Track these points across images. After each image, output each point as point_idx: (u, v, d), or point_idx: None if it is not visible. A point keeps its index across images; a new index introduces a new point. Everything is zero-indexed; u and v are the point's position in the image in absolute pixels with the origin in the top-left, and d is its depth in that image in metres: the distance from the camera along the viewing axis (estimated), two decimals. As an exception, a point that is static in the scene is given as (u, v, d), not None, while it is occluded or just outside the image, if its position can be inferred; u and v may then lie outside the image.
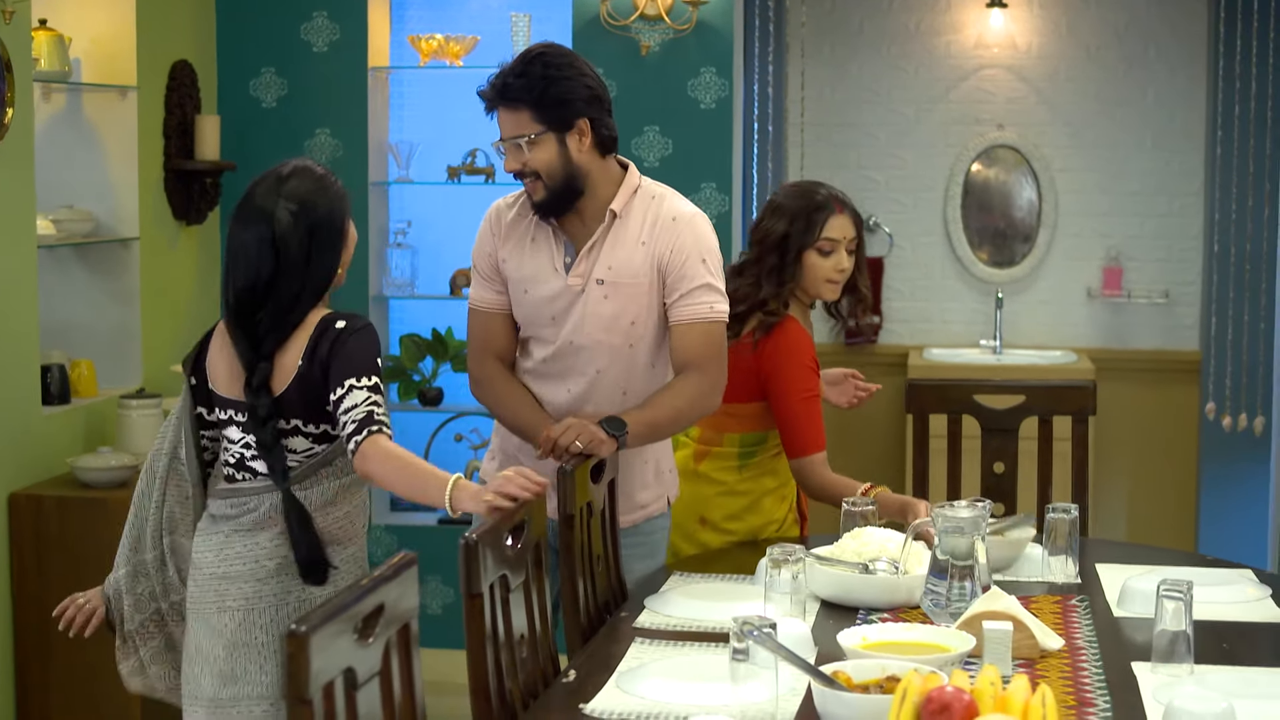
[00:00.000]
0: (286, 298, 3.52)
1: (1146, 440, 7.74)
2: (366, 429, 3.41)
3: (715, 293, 3.93)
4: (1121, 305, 7.76)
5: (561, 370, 3.98)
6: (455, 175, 6.38)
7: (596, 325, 3.92)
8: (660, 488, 4.16)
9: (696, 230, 3.94)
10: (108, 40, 5.73)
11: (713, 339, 3.93)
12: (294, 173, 3.63)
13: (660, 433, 3.95)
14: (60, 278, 5.76)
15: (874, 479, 4.38)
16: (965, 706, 2.39)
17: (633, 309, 3.92)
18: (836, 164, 7.81)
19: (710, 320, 3.92)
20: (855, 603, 3.59)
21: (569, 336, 3.95)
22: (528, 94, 3.81)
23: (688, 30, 6.08)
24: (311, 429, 3.52)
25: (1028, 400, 4.89)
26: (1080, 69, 7.71)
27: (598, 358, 3.94)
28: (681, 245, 3.91)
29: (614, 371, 3.96)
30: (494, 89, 3.86)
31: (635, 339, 3.94)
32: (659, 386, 3.98)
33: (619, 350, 3.94)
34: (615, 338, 3.93)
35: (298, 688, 2.22)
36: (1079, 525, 3.96)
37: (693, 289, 3.90)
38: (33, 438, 5.16)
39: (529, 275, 3.98)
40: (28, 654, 5.07)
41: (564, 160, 3.85)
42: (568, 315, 3.94)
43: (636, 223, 3.94)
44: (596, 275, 3.92)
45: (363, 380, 3.45)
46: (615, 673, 3.17)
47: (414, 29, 6.53)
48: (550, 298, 3.96)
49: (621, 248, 3.92)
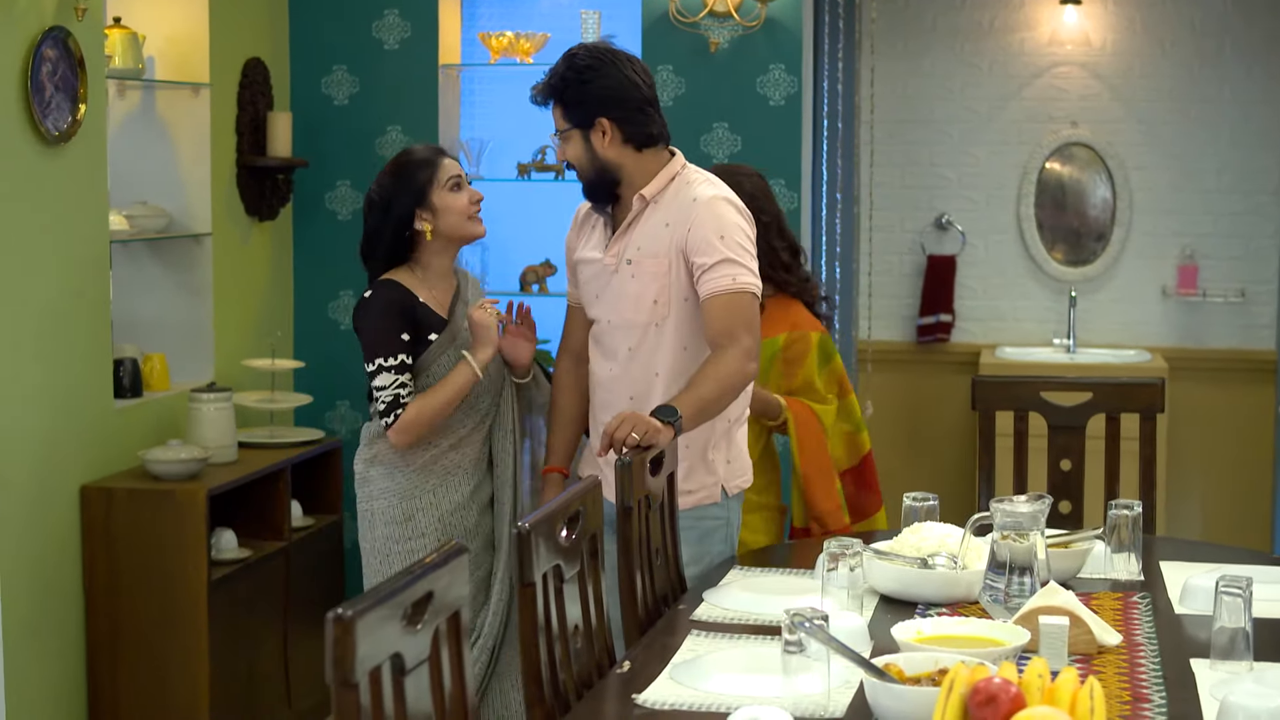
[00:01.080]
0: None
1: (1221, 441, 7.67)
2: (393, 413, 4.19)
3: (736, 265, 4.03)
4: (1197, 304, 7.69)
5: (604, 349, 4.22)
6: (525, 172, 6.41)
7: (625, 304, 4.13)
8: (710, 476, 4.19)
9: (714, 210, 4.07)
10: (181, 38, 5.79)
11: (738, 308, 4.02)
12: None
13: (710, 409, 4.01)
14: (134, 273, 5.83)
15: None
16: (1012, 698, 2.38)
17: (654, 288, 4.09)
18: (908, 161, 7.78)
19: (733, 291, 4.02)
20: (914, 597, 3.58)
21: (606, 315, 4.19)
22: (555, 93, 4.13)
23: (757, 27, 6.07)
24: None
25: (1095, 397, 4.85)
26: (1155, 66, 7.65)
27: (629, 336, 4.14)
28: (698, 225, 4.06)
29: (644, 351, 4.13)
30: (536, 86, 4.18)
31: (659, 319, 4.11)
32: (694, 368, 4.08)
33: (646, 329, 4.12)
34: (641, 316, 4.11)
35: (343, 671, 2.23)
36: (1142, 522, 3.93)
37: (712, 264, 4.03)
38: (105, 431, 5.22)
39: (584, 257, 4.25)
40: (99, 644, 5.13)
41: (590, 155, 4.11)
42: (605, 293, 4.18)
43: (665, 208, 4.12)
44: (626, 256, 4.13)
45: (376, 361, 4.21)
46: (670, 664, 3.17)
47: (485, 26, 6.56)
48: (592, 276, 4.22)
49: (649, 230, 4.11)
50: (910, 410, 7.85)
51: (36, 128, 4.79)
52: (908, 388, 7.82)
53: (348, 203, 6.41)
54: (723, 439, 4.20)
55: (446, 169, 4.32)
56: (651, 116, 4.12)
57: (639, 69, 4.12)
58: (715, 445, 4.19)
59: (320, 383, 6.36)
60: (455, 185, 4.32)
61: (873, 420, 7.27)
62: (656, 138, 4.13)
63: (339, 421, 6.47)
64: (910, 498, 3.95)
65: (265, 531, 5.58)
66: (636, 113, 4.08)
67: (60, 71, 4.89)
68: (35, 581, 4.88)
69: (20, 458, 4.79)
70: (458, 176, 4.33)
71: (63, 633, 5.04)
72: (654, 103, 4.14)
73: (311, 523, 5.85)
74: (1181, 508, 7.61)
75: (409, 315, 4.27)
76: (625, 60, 4.11)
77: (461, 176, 4.34)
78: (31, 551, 4.86)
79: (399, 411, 4.20)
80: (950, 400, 7.80)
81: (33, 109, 4.75)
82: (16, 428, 4.76)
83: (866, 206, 7.33)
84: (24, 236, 4.78)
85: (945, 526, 3.76)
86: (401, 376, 4.21)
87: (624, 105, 4.07)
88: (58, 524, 4.99)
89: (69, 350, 5.00)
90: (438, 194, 4.30)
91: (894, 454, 7.77)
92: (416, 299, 4.30)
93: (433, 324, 4.30)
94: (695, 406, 3.94)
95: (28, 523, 4.84)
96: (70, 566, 5.06)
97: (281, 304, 6.39)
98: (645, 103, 4.11)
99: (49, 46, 4.82)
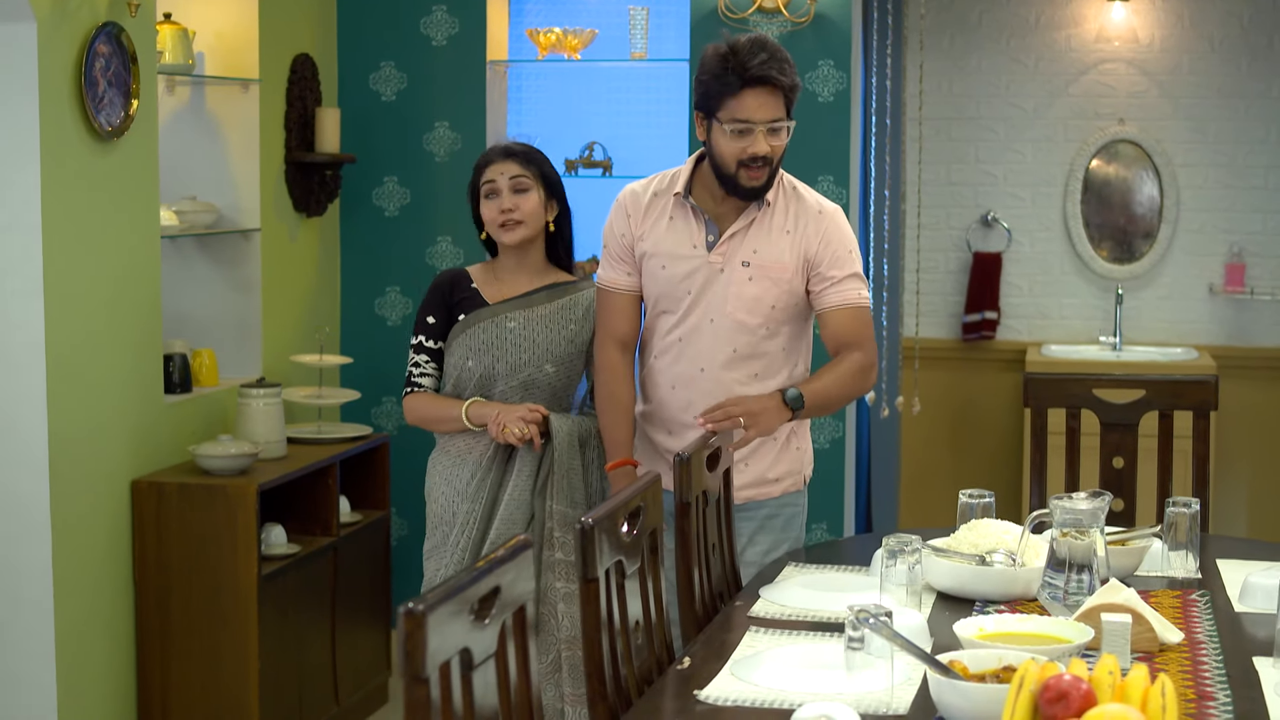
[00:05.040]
0: None
1: (1269, 440, 7.62)
2: (408, 387, 4.42)
3: (861, 281, 4.17)
4: (1244, 302, 7.65)
5: (696, 350, 4.17)
6: (573, 168, 6.40)
7: (739, 305, 4.12)
8: (795, 464, 4.30)
9: (840, 223, 4.19)
10: (230, 34, 5.80)
11: (865, 322, 4.16)
12: None
13: (830, 406, 4.19)
14: (183, 268, 5.85)
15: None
16: (1083, 695, 2.37)
17: (774, 293, 4.13)
18: (954, 158, 7.76)
19: (860, 305, 4.15)
20: (972, 595, 3.57)
21: (708, 314, 4.15)
22: (793, 87, 4.05)
23: (806, 23, 6.06)
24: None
25: (1148, 395, 4.83)
26: (1203, 62, 7.60)
27: (736, 337, 4.14)
28: (829, 237, 4.14)
29: (748, 353, 4.15)
30: (772, 72, 3.99)
31: (774, 323, 4.15)
32: (790, 372, 4.20)
33: (756, 331, 4.14)
34: (755, 319, 4.13)
35: (414, 666, 2.23)
36: (1200, 521, 3.91)
37: (844, 277, 4.13)
38: (155, 426, 5.24)
39: (667, 251, 4.18)
40: (149, 637, 5.14)
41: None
42: (705, 293, 4.15)
43: (780, 213, 4.15)
44: (741, 258, 4.12)
45: (412, 340, 4.44)
46: (729, 660, 3.17)
47: (532, 22, 6.56)
48: (687, 274, 4.16)
49: (767, 235, 4.14)
50: (956, 408, 7.82)
51: (90, 123, 4.80)
52: (954, 385, 7.80)
53: (395, 199, 6.42)
54: (802, 427, 4.31)
55: (486, 175, 4.41)
56: None
57: None
58: (799, 433, 4.28)
59: (367, 379, 6.36)
60: (490, 193, 4.38)
61: (919, 417, 7.26)
62: None
63: (385, 417, 6.47)
64: (966, 494, 3.93)
65: (314, 527, 5.58)
66: None
67: (113, 67, 4.90)
68: (86, 576, 4.90)
69: (72, 452, 4.80)
70: (491, 183, 4.38)
71: (113, 626, 5.06)
72: None
73: (359, 518, 5.85)
74: (1227, 506, 7.57)
75: (445, 298, 4.42)
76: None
77: (496, 183, 4.36)
78: (83, 546, 4.87)
79: (408, 390, 4.43)
80: (996, 398, 7.77)
81: (86, 105, 4.77)
82: (69, 422, 4.78)
83: (914, 204, 7.31)
84: (77, 232, 4.79)
85: (1002, 523, 3.75)
86: (418, 356, 4.42)
87: None
88: (109, 519, 5.01)
89: (121, 345, 5.02)
90: (481, 200, 4.42)
91: (940, 451, 7.75)
92: (469, 283, 4.42)
93: (467, 306, 4.40)
94: (819, 398, 4.08)
95: (80, 517, 4.85)
96: (121, 561, 5.08)
97: (329, 300, 6.40)
98: None
99: (102, 42, 4.84)
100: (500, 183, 4.35)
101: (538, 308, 4.39)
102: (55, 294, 4.70)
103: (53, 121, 4.66)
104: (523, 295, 4.40)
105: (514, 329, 4.35)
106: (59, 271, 4.72)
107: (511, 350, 4.36)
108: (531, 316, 4.37)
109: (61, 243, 4.72)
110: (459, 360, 4.37)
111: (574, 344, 4.41)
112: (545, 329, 4.37)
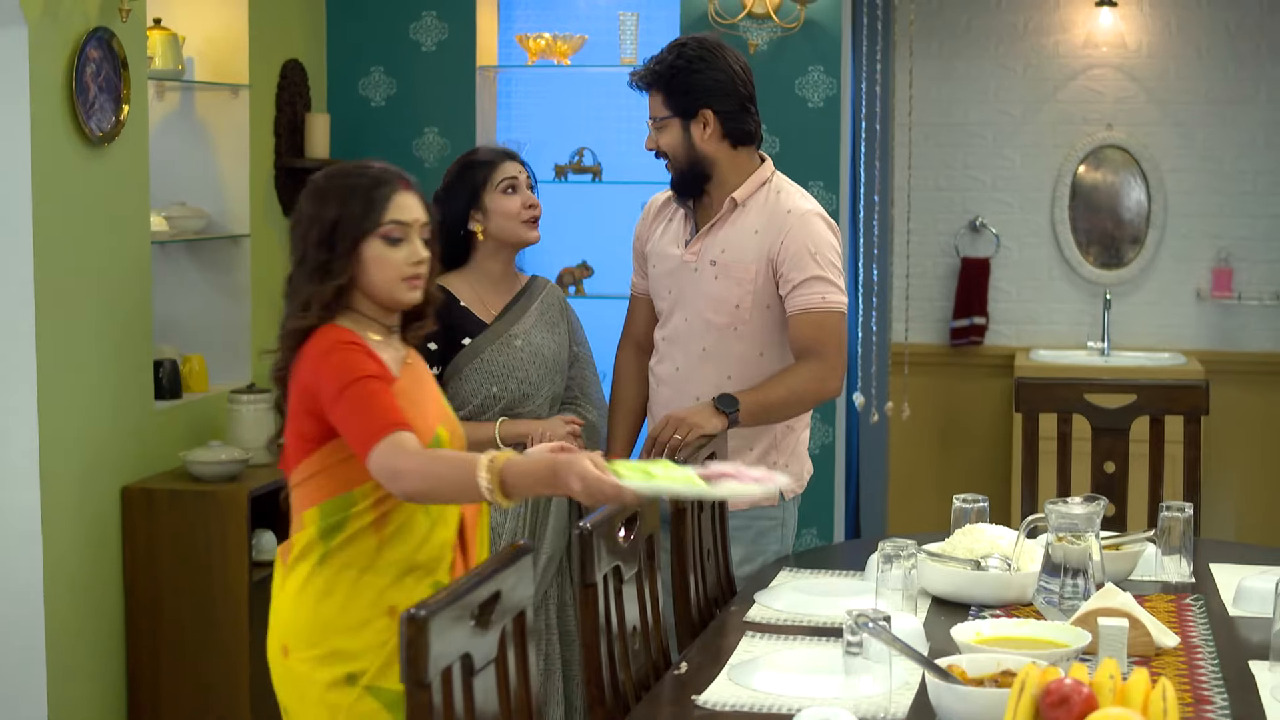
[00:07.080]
0: None
1: (1257, 445, 7.64)
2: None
3: (827, 284, 4.07)
4: (1232, 307, 7.67)
5: (674, 346, 4.22)
6: (562, 174, 6.40)
7: (706, 304, 4.13)
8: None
9: (809, 226, 4.10)
10: (220, 39, 5.79)
11: (826, 327, 4.08)
12: None
13: (774, 414, 4.11)
14: (172, 273, 5.83)
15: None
16: (1084, 699, 2.37)
17: (738, 293, 4.11)
18: (943, 163, 7.77)
19: (823, 310, 4.07)
20: (967, 600, 3.57)
21: (683, 312, 4.18)
22: (659, 80, 4.14)
23: (795, 29, 6.07)
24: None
25: (1139, 399, 4.83)
26: (1190, 68, 7.62)
27: (704, 335, 4.15)
28: (791, 239, 4.08)
29: (718, 353, 4.14)
30: (637, 71, 4.20)
31: (740, 323, 4.12)
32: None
33: (724, 331, 4.13)
34: (721, 318, 4.13)
35: (417, 671, 2.23)
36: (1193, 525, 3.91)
37: (804, 280, 4.07)
38: (145, 432, 5.22)
39: (659, 251, 4.26)
40: (140, 644, 5.13)
41: (687, 146, 4.12)
42: (682, 291, 4.18)
43: (755, 214, 4.14)
44: (710, 256, 4.13)
45: None
46: (727, 665, 3.17)
47: (522, 28, 6.56)
48: (669, 271, 4.21)
49: (737, 234, 4.13)
50: (945, 413, 7.83)
51: (81, 129, 4.79)
52: (942, 390, 7.80)
53: (384, 204, 6.40)
54: (784, 443, 4.23)
55: (503, 170, 4.30)
56: (751, 114, 4.17)
57: (744, 66, 4.17)
58: (777, 448, 4.21)
59: (357, 384, 6.33)
60: (509, 188, 4.30)
61: (908, 423, 7.27)
62: (752, 136, 4.17)
63: (375, 423, 6.45)
64: (960, 499, 3.93)
65: (304, 533, 5.56)
66: (739, 109, 4.13)
67: (104, 73, 4.89)
68: (77, 582, 4.89)
69: (63, 458, 4.79)
70: (513, 179, 4.30)
71: (104, 633, 5.04)
72: (754, 101, 4.18)
73: (349, 524, 5.83)
74: (1215, 512, 7.58)
75: (443, 320, 4.06)
76: (733, 55, 4.16)
77: (518, 179, 4.31)
78: (73, 552, 4.86)
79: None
80: (985, 403, 7.78)
81: (77, 110, 4.76)
82: (59, 428, 4.76)
83: (903, 209, 7.32)
84: (68, 238, 4.78)
85: (997, 528, 3.75)
86: None
87: (728, 99, 4.11)
88: (99, 525, 5.00)
89: (111, 351, 5.01)
90: (490, 195, 4.29)
91: (928, 456, 7.75)
92: (457, 302, 4.26)
93: (468, 328, 4.27)
94: (758, 405, 4.02)
95: (70, 523, 4.84)
96: (112, 567, 5.06)
97: (318, 305, 6.38)
98: (747, 100, 4.15)
99: (93, 47, 4.83)
100: (521, 179, 4.33)
101: (526, 318, 4.32)
102: (47, 299, 4.69)
103: (43, 127, 4.65)
104: (508, 308, 4.32)
105: (520, 346, 4.29)
106: (51, 277, 4.70)
107: (530, 368, 4.29)
108: (527, 327, 4.31)
109: (52, 248, 4.71)
110: (477, 387, 4.24)
111: (565, 348, 4.39)
112: (542, 336, 4.32)
